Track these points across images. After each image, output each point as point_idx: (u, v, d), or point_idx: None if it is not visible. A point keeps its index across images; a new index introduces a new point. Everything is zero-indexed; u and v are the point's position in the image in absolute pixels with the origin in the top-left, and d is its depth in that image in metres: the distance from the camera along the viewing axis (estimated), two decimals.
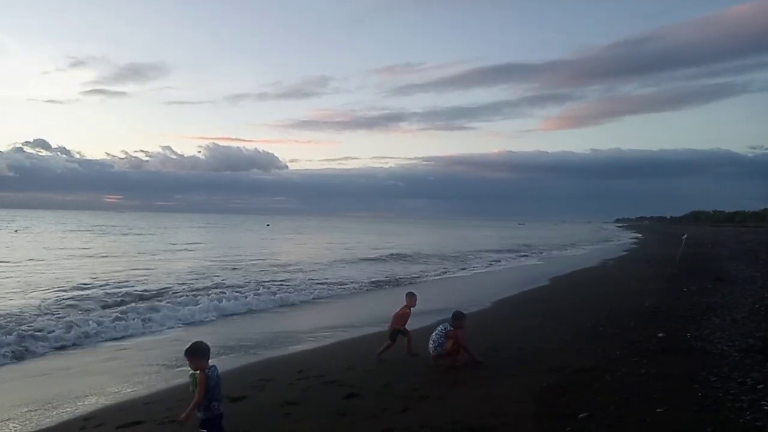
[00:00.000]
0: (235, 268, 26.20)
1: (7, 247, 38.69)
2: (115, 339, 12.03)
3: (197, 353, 4.70)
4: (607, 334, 9.67)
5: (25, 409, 7.35)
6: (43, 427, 6.75)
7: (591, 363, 7.54)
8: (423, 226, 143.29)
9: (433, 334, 8.38)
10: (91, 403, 7.61)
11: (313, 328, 12.90)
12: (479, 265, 31.64)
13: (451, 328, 8.24)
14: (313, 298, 18.13)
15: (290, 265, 28.73)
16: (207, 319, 14.17)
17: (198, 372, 4.63)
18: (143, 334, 12.53)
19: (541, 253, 41.85)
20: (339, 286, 20.69)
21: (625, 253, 39.80)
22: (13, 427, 6.75)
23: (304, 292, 18.72)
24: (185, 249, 40.46)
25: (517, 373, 7.57)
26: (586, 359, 7.82)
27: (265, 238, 63.58)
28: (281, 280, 21.45)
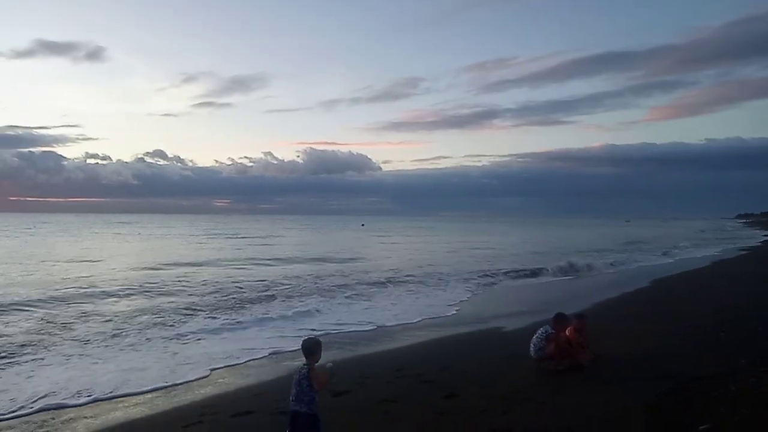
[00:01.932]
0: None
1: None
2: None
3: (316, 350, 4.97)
4: (731, 341, 8.85)
5: (150, 396, 8.05)
6: (167, 409, 7.42)
7: (712, 371, 6.93)
8: (524, 224, 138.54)
9: (534, 337, 8.13)
10: (206, 392, 8.18)
11: (406, 326, 13.07)
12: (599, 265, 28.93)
13: (553, 331, 7.95)
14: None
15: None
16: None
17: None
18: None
19: (652, 252, 38.93)
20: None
21: (745, 252, 36.12)
22: (141, 410, 7.42)
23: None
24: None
25: (627, 378, 7.14)
26: (705, 367, 7.20)
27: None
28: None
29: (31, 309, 14.43)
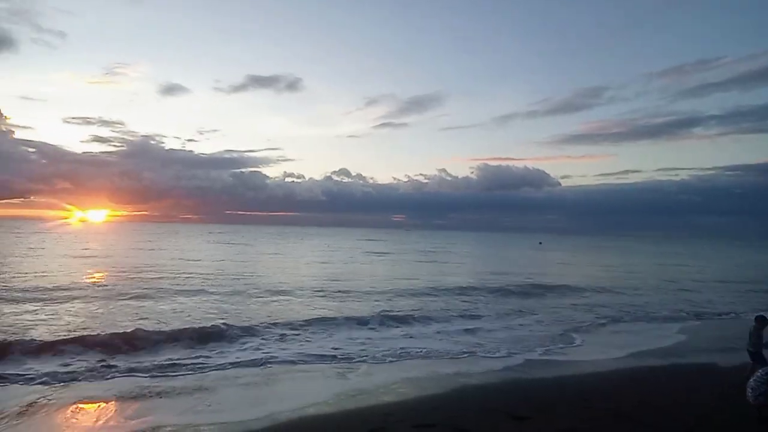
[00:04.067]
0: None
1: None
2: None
3: None
4: None
5: (338, 397, 8.50)
6: (349, 408, 7.89)
7: None
8: (734, 247, 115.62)
9: (753, 379, 6.99)
10: (388, 399, 8.42)
11: (600, 352, 12.15)
12: None
13: None
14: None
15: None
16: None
17: None
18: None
19: None
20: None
21: None
22: (326, 409, 7.94)
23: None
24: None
25: None
26: None
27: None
28: None
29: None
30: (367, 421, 7.23)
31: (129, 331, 11.80)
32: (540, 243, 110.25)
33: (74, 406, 7.75)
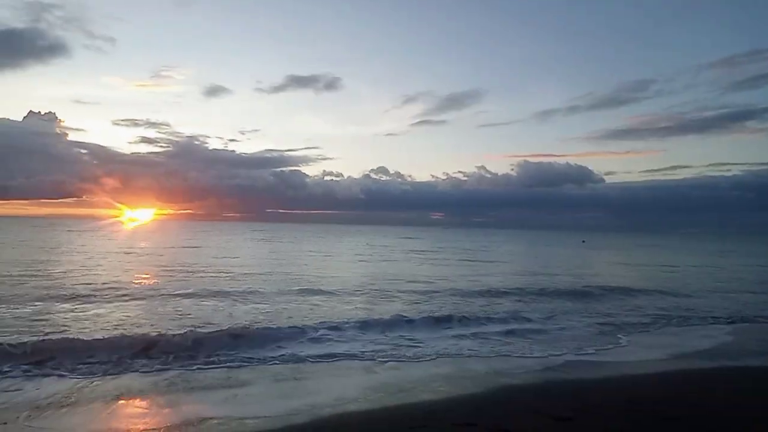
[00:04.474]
0: None
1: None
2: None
3: None
4: None
5: (379, 393, 8.58)
6: (389, 404, 7.93)
7: None
8: None
9: None
10: (429, 398, 8.38)
11: (647, 353, 11.78)
12: None
13: None
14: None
15: None
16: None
17: None
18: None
19: None
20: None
21: None
22: (363, 405, 7.98)
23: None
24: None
25: None
26: None
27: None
28: None
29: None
30: (408, 419, 7.25)
31: (183, 332, 11.97)
32: (583, 241, 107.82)
33: (118, 399, 8.06)
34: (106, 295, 17.64)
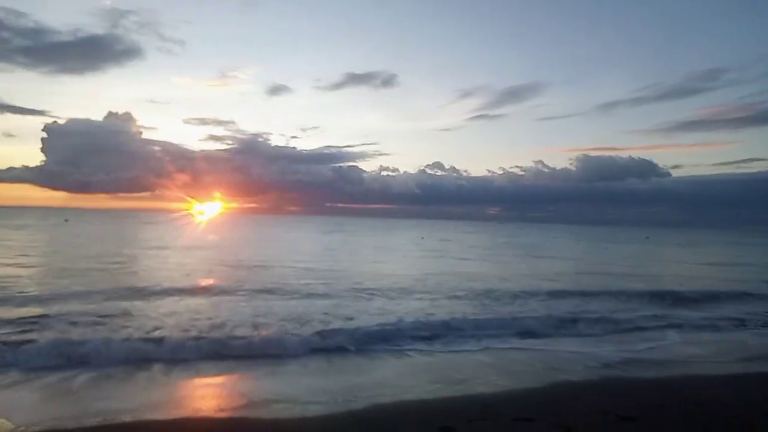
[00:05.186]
0: None
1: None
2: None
3: None
4: None
5: (436, 384, 8.61)
6: (446, 395, 7.99)
7: None
8: None
9: None
10: (485, 390, 8.35)
11: (719, 355, 11.23)
12: None
13: None
14: None
15: None
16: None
17: None
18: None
19: None
20: None
21: None
22: (423, 396, 8.02)
23: None
24: None
25: None
26: None
27: None
28: None
29: None
30: (465, 411, 7.26)
31: (269, 333, 11.43)
32: (647, 237, 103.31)
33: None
34: (186, 292, 17.18)
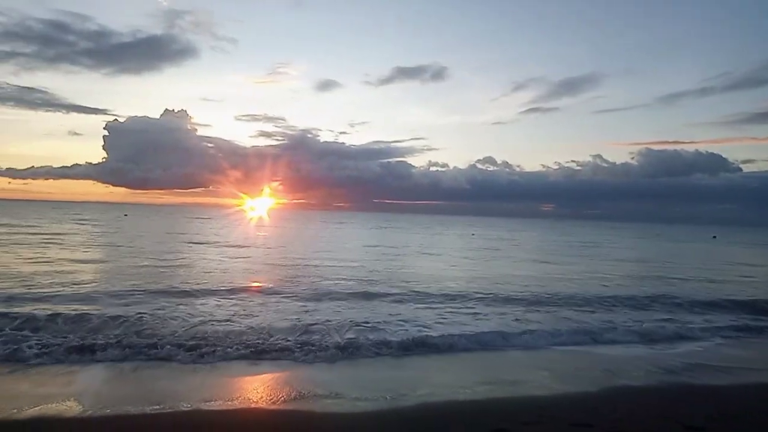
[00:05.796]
0: None
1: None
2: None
3: None
4: None
5: (490, 385, 8.46)
6: (499, 397, 7.84)
7: None
8: None
9: None
10: (540, 393, 8.14)
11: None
12: None
13: None
14: None
15: None
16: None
17: None
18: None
19: None
20: None
21: None
22: (475, 397, 7.90)
23: None
24: None
25: None
26: None
27: None
28: None
29: None
30: (520, 413, 7.12)
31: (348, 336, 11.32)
32: (714, 237, 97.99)
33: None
34: (234, 292, 18.11)
